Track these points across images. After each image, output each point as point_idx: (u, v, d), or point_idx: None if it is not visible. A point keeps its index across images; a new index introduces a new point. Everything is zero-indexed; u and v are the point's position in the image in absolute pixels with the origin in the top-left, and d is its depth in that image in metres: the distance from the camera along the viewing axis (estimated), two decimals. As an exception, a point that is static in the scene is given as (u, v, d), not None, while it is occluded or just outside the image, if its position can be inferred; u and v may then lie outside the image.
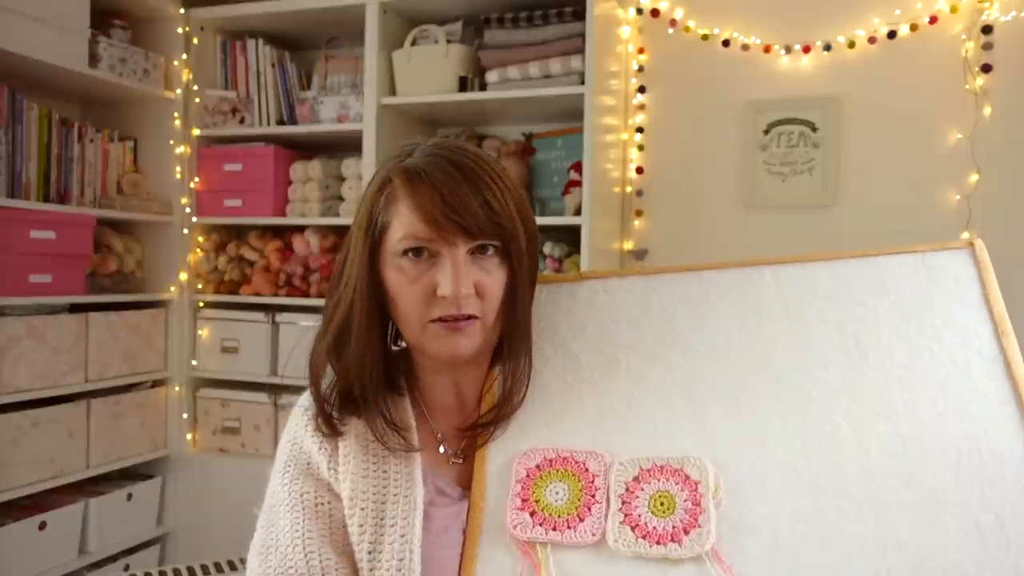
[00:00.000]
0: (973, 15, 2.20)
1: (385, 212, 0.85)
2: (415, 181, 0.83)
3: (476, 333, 0.86)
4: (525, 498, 0.83)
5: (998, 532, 0.72)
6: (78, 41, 2.27)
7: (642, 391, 0.87)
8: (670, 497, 0.79)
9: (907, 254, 0.89)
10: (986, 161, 2.18)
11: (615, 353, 0.91)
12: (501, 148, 2.41)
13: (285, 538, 0.85)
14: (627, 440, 0.85)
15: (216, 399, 2.62)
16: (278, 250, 2.57)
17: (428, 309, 0.84)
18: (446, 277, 0.82)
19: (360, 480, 0.86)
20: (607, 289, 0.95)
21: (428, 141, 0.88)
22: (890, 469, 0.77)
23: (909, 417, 0.80)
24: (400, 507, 0.84)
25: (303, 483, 0.88)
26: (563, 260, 2.29)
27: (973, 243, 0.89)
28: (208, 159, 2.62)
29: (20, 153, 2.19)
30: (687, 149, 2.47)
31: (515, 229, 0.85)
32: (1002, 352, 0.82)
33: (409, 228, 0.83)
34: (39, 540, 2.19)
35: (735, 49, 2.40)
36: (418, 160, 0.85)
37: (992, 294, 0.85)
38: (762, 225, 2.38)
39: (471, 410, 0.93)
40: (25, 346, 2.14)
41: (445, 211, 0.81)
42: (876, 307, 0.87)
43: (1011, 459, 0.76)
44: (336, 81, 2.55)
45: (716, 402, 0.85)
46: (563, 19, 2.26)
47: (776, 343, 0.87)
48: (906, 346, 0.84)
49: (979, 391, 0.80)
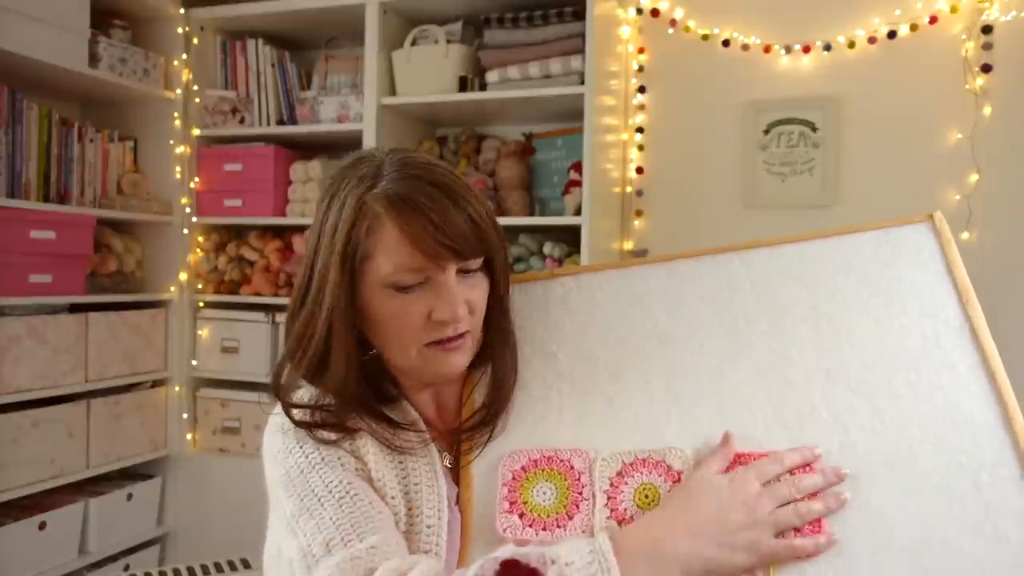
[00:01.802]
0: (973, 15, 2.19)
1: (367, 242, 0.81)
2: (402, 210, 0.80)
3: (468, 348, 0.86)
4: (513, 500, 0.83)
5: (976, 497, 0.75)
6: (78, 41, 2.27)
7: (622, 384, 0.88)
8: (654, 489, 0.80)
9: (871, 231, 0.91)
10: (986, 161, 2.18)
11: (592, 348, 0.91)
12: (501, 148, 2.41)
13: (336, 488, 0.79)
14: (610, 434, 0.85)
15: (216, 399, 2.62)
16: (278, 250, 2.57)
17: (423, 334, 0.83)
18: (443, 303, 0.82)
19: (384, 468, 0.84)
20: (580, 285, 0.96)
21: (388, 158, 0.85)
22: (868, 444, 0.79)
23: (884, 391, 0.81)
24: (425, 496, 0.83)
25: (327, 450, 0.83)
26: (563, 260, 2.29)
27: (932, 215, 0.90)
28: (208, 159, 2.62)
29: (20, 153, 2.19)
30: (687, 149, 2.47)
31: (497, 240, 0.85)
32: (968, 320, 0.83)
33: (401, 259, 0.80)
34: (39, 540, 2.19)
35: (735, 49, 2.40)
36: (396, 185, 0.81)
37: (955, 263, 0.86)
38: (762, 225, 2.38)
39: (451, 418, 0.92)
40: (25, 346, 2.14)
41: (438, 237, 0.79)
42: (844, 285, 0.88)
43: (983, 425, 0.78)
44: (336, 81, 2.55)
45: (695, 390, 0.86)
46: (563, 19, 2.26)
47: (750, 327, 0.88)
48: (876, 321, 0.85)
49: (948, 361, 0.82)
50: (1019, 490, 0.74)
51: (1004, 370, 0.80)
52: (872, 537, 0.74)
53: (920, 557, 0.73)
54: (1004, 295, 2.14)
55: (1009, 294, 2.13)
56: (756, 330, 0.88)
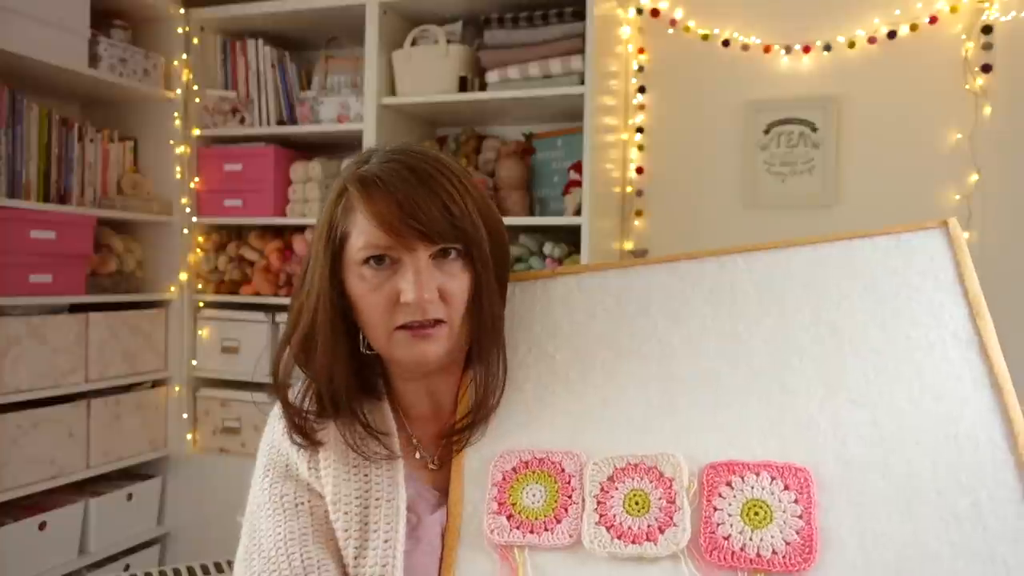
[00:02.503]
0: (973, 15, 2.19)
1: (344, 221, 0.84)
2: (370, 188, 0.82)
3: (443, 338, 0.85)
4: (502, 501, 0.82)
5: (975, 518, 0.72)
6: (78, 41, 2.28)
7: (618, 387, 0.87)
8: (644, 496, 0.79)
9: (881, 236, 0.87)
10: (986, 161, 2.18)
11: (590, 350, 0.90)
12: (501, 148, 2.41)
13: (267, 541, 0.84)
14: (603, 438, 0.84)
15: (216, 399, 2.62)
16: (278, 250, 2.57)
17: (392, 316, 0.83)
18: (408, 283, 0.81)
19: (342, 483, 0.85)
20: (581, 285, 0.94)
21: (387, 147, 0.88)
22: (867, 459, 0.77)
23: (885, 404, 0.79)
24: (383, 512, 0.84)
25: (283, 485, 0.87)
26: (563, 260, 2.29)
27: (947, 222, 0.87)
28: (208, 159, 2.62)
29: (20, 153, 2.19)
30: (687, 149, 2.47)
31: (477, 232, 0.84)
32: (977, 334, 0.80)
33: (368, 236, 0.82)
34: (39, 540, 2.19)
35: (735, 49, 2.40)
36: (374, 167, 0.84)
37: (967, 274, 0.83)
38: (762, 225, 2.38)
39: (447, 416, 0.92)
40: (25, 346, 2.14)
41: (402, 217, 0.80)
42: (851, 291, 0.85)
43: (986, 443, 0.75)
44: (336, 81, 2.55)
45: (693, 396, 0.84)
46: (563, 19, 2.26)
47: (752, 333, 0.86)
48: (881, 330, 0.83)
49: (954, 374, 0.79)
50: (1019, 513, 0.71)
51: (1012, 387, 0.77)
52: (864, 552, 0.72)
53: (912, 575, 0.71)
54: (1004, 295, 2.13)
55: (1009, 294, 2.13)
56: (757, 335, 0.86)
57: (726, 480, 0.78)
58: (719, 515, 0.77)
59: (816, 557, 0.73)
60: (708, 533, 0.76)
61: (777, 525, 0.75)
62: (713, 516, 0.77)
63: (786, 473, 0.77)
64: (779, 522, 0.75)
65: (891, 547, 0.72)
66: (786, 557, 0.73)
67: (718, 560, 0.75)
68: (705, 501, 0.78)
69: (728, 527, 0.76)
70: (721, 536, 0.76)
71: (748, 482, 0.78)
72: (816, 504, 0.75)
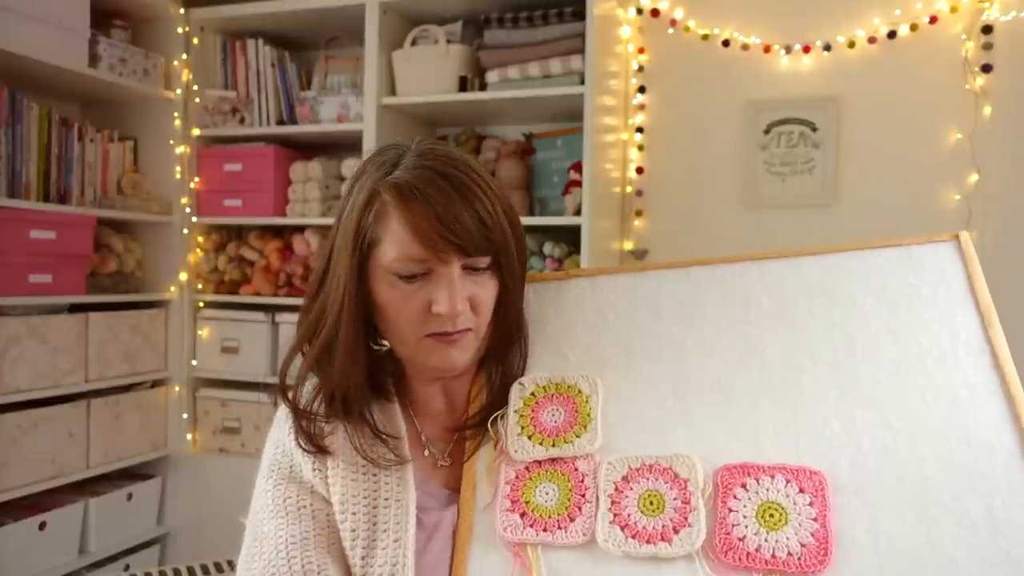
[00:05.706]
0: (973, 15, 2.19)
1: (375, 228, 0.83)
2: (408, 199, 0.80)
3: (470, 345, 0.86)
4: (515, 499, 0.82)
5: (989, 523, 0.73)
6: (78, 41, 2.27)
7: (631, 389, 0.87)
8: (659, 496, 0.79)
9: (893, 248, 0.89)
10: (986, 161, 2.18)
11: (603, 351, 0.90)
12: (501, 148, 2.41)
13: (268, 545, 0.84)
14: (617, 438, 0.84)
15: (216, 399, 2.62)
16: (278, 250, 2.57)
17: (423, 325, 0.84)
18: (442, 295, 0.81)
19: (351, 484, 0.85)
20: (595, 287, 0.95)
21: (413, 148, 0.86)
22: (881, 463, 0.77)
23: (899, 410, 0.80)
24: (392, 511, 0.84)
25: (286, 488, 0.87)
26: (563, 260, 2.29)
27: (958, 235, 0.88)
28: (208, 159, 2.62)
29: (20, 153, 2.19)
30: (687, 149, 2.47)
31: (507, 242, 0.85)
32: (989, 343, 0.81)
33: (403, 249, 0.81)
34: (39, 540, 2.19)
35: (735, 49, 2.40)
36: (408, 174, 0.82)
37: (978, 286, 0.85)
38: (762, 225, 2.38)
39: (459, 412, 0.92)
40: (25, 346, 2.14)
41: (440, 230, 0.79)
42: (864, 301, 0.86)
43: (999, 450, 0.76)
44: (336, 81, 2.55)
45: (705, 399, 0.85)
46: (563, 19, 2.26)
47: (765, 338, 0.87)
48: (894, 339, 0.84)
49: (967, 383, 0.80)
50: None
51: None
52: (879, 555, 0.73)
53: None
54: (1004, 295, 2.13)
55: (1009, 294, 2.13)
56: (770, 341, 0.86)
57: (740, 482, 0.79)
58: (734, 516, 0.77)
59: (831, 559, 0.73)
60: (723, 534, 0.76)
61: (792, 527, 0.75)
62: (728, 517, 0.77)
63: (801, 476, 0.78)
64: (794, 524, 0.76)
65: (906, 550, 0.73)
66: (801, 559, 0.74)
67: (733, 561, 0.75)
68: (720, 503, 0.78)
69: (743, 528, 0.76)
70: (736, 537, 0.76)
71: (763, 484, 0.78)
72: (831, 507, 0.76)
